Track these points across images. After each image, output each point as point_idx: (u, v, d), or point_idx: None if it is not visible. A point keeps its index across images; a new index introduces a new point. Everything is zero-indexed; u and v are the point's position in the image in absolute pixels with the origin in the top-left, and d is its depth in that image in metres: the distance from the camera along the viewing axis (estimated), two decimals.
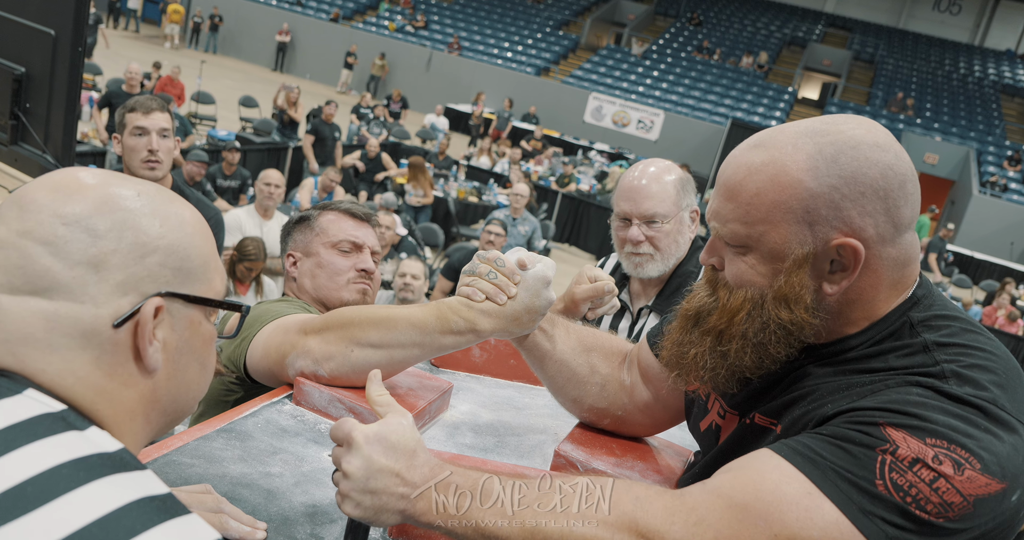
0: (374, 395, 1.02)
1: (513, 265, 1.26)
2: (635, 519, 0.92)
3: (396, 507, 0.94)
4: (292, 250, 1.86)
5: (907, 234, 1.00)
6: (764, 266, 1.02)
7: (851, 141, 0.98)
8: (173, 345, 0.78)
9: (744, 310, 1.04)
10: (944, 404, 0.90)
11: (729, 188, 1.03)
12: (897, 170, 0.97)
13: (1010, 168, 20.34)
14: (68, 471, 0.63)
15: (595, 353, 1.38)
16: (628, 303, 2.28)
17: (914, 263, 1.03)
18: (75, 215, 0.72)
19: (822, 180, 0.96)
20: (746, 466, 0.95)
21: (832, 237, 0.97)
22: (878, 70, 25.66)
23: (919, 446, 0.87)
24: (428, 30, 24.49)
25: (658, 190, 2.10)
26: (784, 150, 0.99)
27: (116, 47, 19.18)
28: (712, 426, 1.19)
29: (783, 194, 0.98)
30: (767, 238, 1.00)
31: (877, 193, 0.96)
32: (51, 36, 3.06)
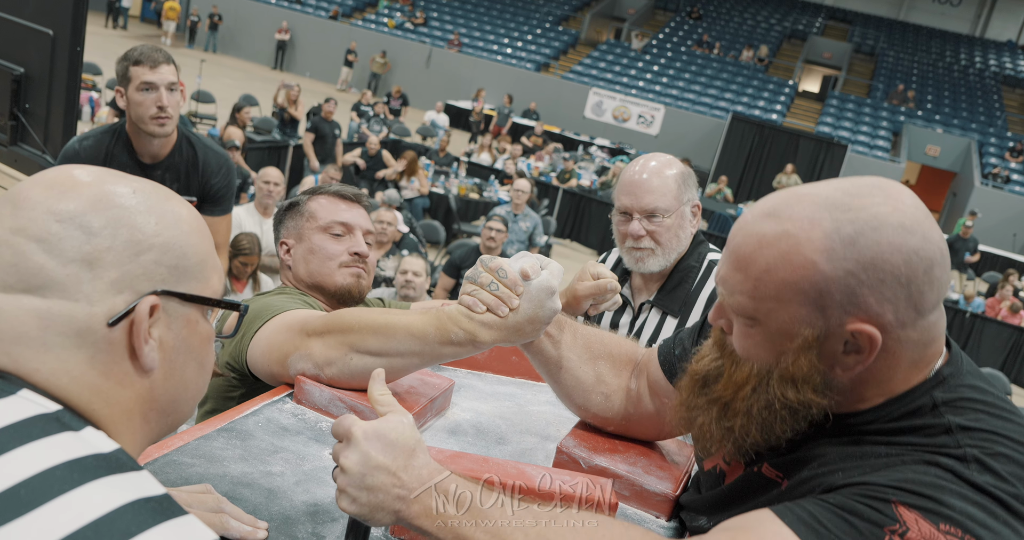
0: (376, 394, 1.01)
1: (516, 276, 1.22)
2: None
3: (391, 507, 0.93)
4: (284, 237, 1.83)
5: (931, 315, 0.93)
6: (770, 343, 0.96)
7: (873, 221, 0.89)
8: (170, 344, 0.77)
9: (750, 385, 0.99)
10: (963, 490, 0.85)
11: (738, 258, 0.96)
12: (923, 254, 0.89)
13: (1012, 159, 20.30)
14: (62, 473, 0.62)
15: (602, 361, 1.36)
16: (629, 298, 2.27)
17: (938, 341, 0.96)
18: (69, 212, 0.72)
19: (837, 263, 0.89)
20: (746, 528, 0.91)
21: (846, 321, 0.90)
22: (879, 62, 25.60)
23: (931, 531, 0.82)
24: (428, 27, 24.45)
25: (659, 184, 2.09)
26: (800, 225, 0.91)
27: (114, 47, 19.17)
28: (716, 469, 1.16)
29: (794, 274, 0.91)
30: (775, 316, 0.94)
31: (899, 280, 0.89)
32: (49, 36, 3.06)
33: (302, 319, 1.40)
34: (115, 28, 23.96)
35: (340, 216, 1.78)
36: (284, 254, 1.81)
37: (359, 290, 1.77)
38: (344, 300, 1.76)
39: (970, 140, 20.82)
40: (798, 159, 17.35)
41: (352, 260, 1.77)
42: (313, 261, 1.75)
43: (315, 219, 1.78)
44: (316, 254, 1.75)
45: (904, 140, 20.77)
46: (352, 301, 1.77)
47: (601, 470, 1.27)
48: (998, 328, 9.89)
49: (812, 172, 16.55)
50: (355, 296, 1.76)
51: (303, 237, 1.79)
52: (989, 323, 9.93)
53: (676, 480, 1.29)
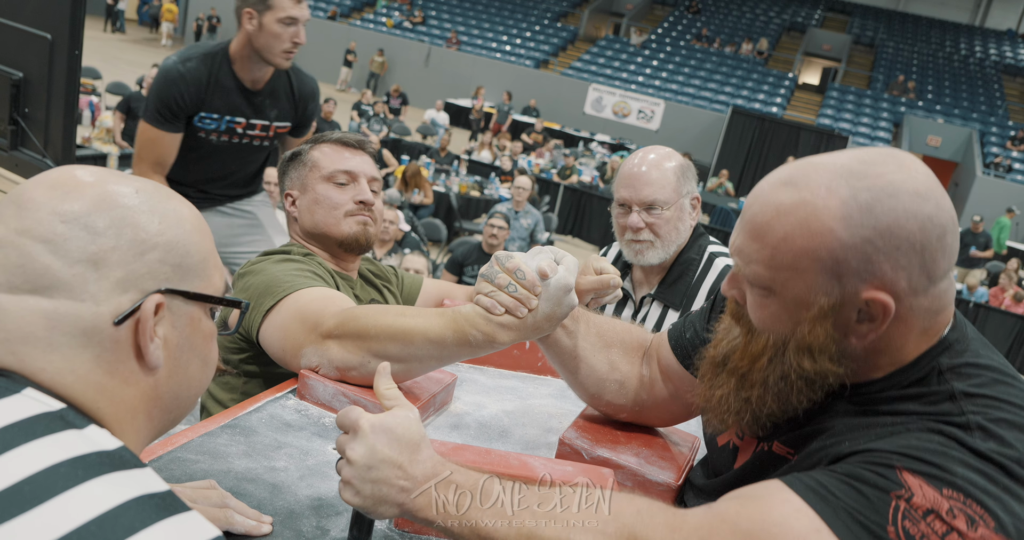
0: (382, 389, 1.02)
1: (534, 276, 1.21)
2: (635, 533, 0.90)
3: (395, 499, 0.93)
4: (289, 189, 1.79)
5: (942, 283, 0.94)
6: (787, 313, 0.96)
7: (889, 188, 0.90)
8: (174, 342, 0.78)
9: (766, 356, 1.00)
10: (966, 457, 0.86)
11: (755, 227, 0.96)
12: (937, 221, 0.90)
13: (1013, 148, 20.25)
14: (66, 469, 0.63)
15: (615, 349, 1.37)
16: (630, 292, 2.28)
17: (948, 309, 0.97)
18: (74, 213, 0.72)
19: (855, 231, 0.90)
20: (755, 495, 0.92)
21: (861, 289, 0.91)
22: (878, 53, 25.55)
23: (935, 496, 0.84)
24: (426, 25, 24.44)
25: (658, 177, 2.09)
26: (817, 192, 0.92)
27: (112, 51, 19.18)
28: (730, 445, 1.17)
29: (812, 241, 0.91)
30: (791, 285, 0.94)
31: (914, 247, 0.90)
32: (47, 40, 3.06)
33: (316, 311, 1.39)
34: (113, 32, 23.98)
35: (344, 164, 1.74)
36: (289, 206, 1.78)
37: (366, 238, 1.73)
38: (351, 249, 1.73)
39: (971, 130, 20.78)
40: (799, 152, 17.32)
41: (358, 208, 1.72)
42: (318, 211, 1.71)
43: (318, 168, 1.74)
44: (321, 204, 1.71)
45: (905, 131, 20.73)
46: (359, 249, 1.74)
47: (603, 461, 1.28)
48: (1002, 317, 9.88)
49: None
50: (362, 244, 1.73)
51: (307, 187, 1.74)
52: (993, 313, 9.92)
53: (678, 470, 1.30)
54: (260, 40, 2.70)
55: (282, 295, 1.45)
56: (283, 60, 2.72)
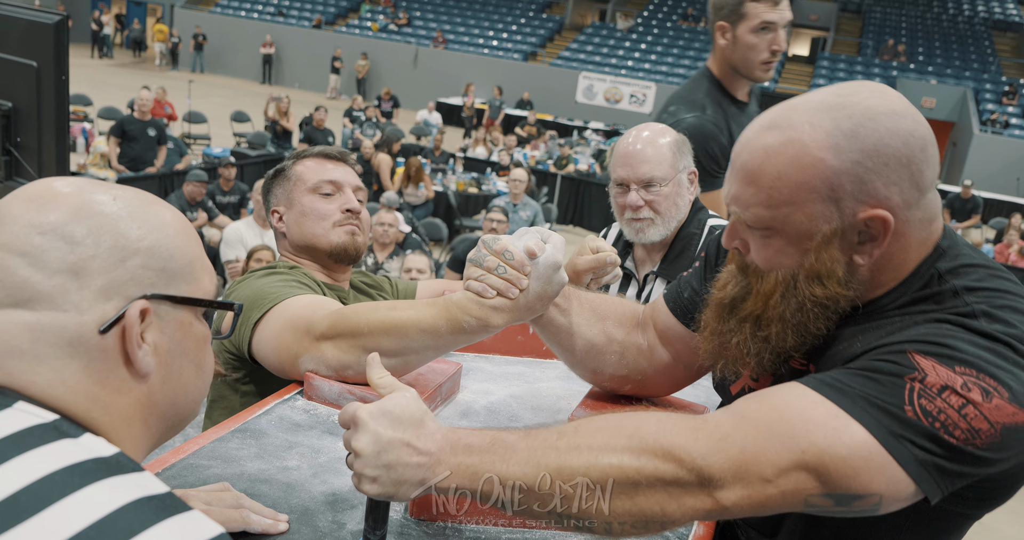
0: (375, 378, 1.02)
1: (522, 256, 1.21)
2: (659, 439, 0.92)
3: (414, 477, 0.93)
4: (275, 206, 1.79)
5: (930, 193, 0.99)
6: (792, 247, 1.00)
7: (868, 112, 0.96)
8: (164, 348, 0.77)
9: (778, 292, 1.03)
10: (974, 338, 0.91)
11: (748, 172, 1.00)
12: (917, 135, 0.96)
13: (1008, 103, 20.14)
14: (62, 477, 0.62)
15: (609, 321, 1.37)
16: (633, 270, 2.27)
17: (938, 218, 1.03)
18: (51, 224, 0.72)
19: (844, 156, 0.94)
20: (771, 393, 0.96)
21: (859, 210, 0.96)
22: (866, 19, 25.42)
23: (948, 374, 0.87)
24: (411, 27, 24.43)
25: (654, 153, 2.08)
26: (801, 129, 0.97)
27: (100, 76, 19.23)
28: (745, 389, 1.18)
29: (806, 174, 0.96)
30: (792, 219, 0.98)
31: (900, 161, 0.95)
32: (33, 68, 3.07)
33: (306, 317, 1.39)
34: (101, 58, 24.04)
35: (328, 175, 1.75)
36: (277, 222, 1.78)
37: (355, 247, 1.74)
38: (341, 259, 1.73)
39: (965, 88, 20.68)
40: None
41: (345, 217, 1.73)
42: (306, 223, 1.72)
43: (303, 181, 1.75)
44: (308, 216, 1.72)
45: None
46: (349, 259, 1.74)
47: None
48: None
49: None
50: (351, 254, 1.74)
51: (293, 201, 1.75)
52: None
53: None
54: (736, 55, 2.49)
55: (269, 306, 1.45)
56: (763, 73, 2.50)
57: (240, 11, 25.50)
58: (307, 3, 25.91)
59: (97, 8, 26.21)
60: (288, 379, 1.45)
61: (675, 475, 0.91)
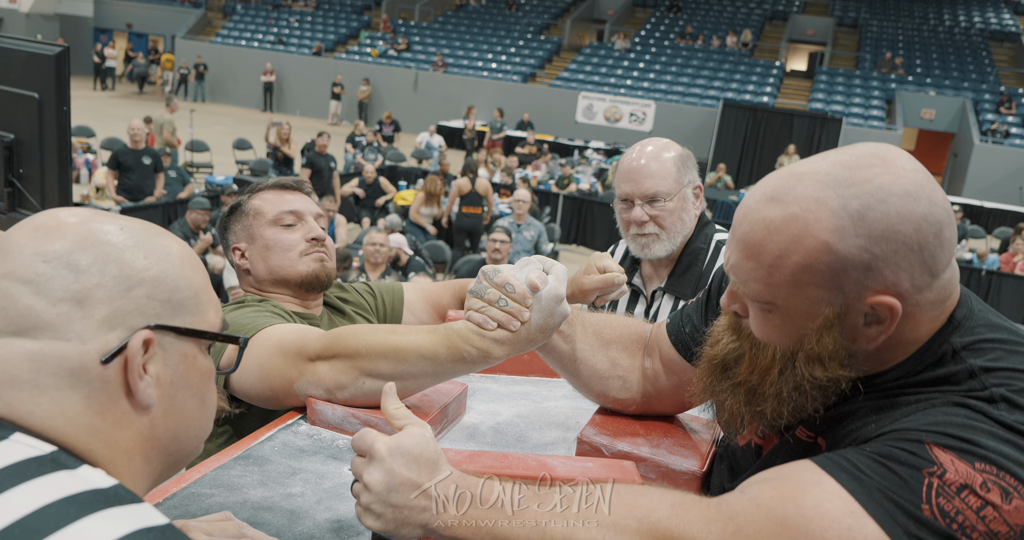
0: (391, 409, 1.00)
1: (524, 289, 1.19)
2: (669, 528, 0.88)
3: (418, 521, 0.91)
4: (235, 243, 1.75)
5: (945, 273, 0.93)
6: (791, 326, 0.95)
7: (878, 192, 0.88)
8: (167, 380, 0.76)
9: (775, 368, 0.99)
10: (994, 429, 0.86)
11: (748, 246, 0.95)
12: (932, 219, 0.89)
13: (1007, 112, 20.16)
14: (58, 509, 0.61)
15: (614, 346, 1.35)
16: (641, 287, 2.25)
17: (953, 295, 0.96)
18: (56, 252, 0.71)
19: (850, 241, 0.88)
20: (787, 477, 0.91)
21: (865, 296, 0.90)
22: (863, 33, 25.54)
23: (967, 471, 0.83)
24: (411, 52, 24.60)
25: (658, 168, 2.06)
26: (806, 206, 0.90)
27: (103, 108, 19.37)
28: (751, 444, 1.15)
29: (808, 257, 0.90)
30: (793, 300, 0.93)
31: (911, 248, 0.88)
32: (35, 99, 3.08)
33: (296, 341, 1.36)
34: (104, 89, 24.24)
35: (286, 206, 1.72)
36: (239, 259, 1.74)
37: (325, 274, 1.71)
38: (312, 287, 1.70)
39: (964, 99, 20.71)
40: (793, 138, 17.26)
41: (311, 246, 1.70)
42: (272, 257, 1.68)
43: (262, 215, 1.71)
44: (273, 249, 1.68)
45: (898, 107, 20.68)
46: (320, 287, 1.72)
47: (625, 455, 1.25)
48: (1016, 282, 9.78)
49: (810, 149, 16.49)
50: (322, 281, 1.71)
51: (255, 236, 1.71)
52: (1006, 278, 9.82)
53: (702, 457, 1.27)
54: None
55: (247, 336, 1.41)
56: None
57: (240, 40, 25.71)
58: (307, 31, 26.13)
59: (99, 41, 26.47)
60: (276, 408, 1.42)
61: None
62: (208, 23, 27.47)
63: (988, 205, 15.85)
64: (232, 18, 27.22)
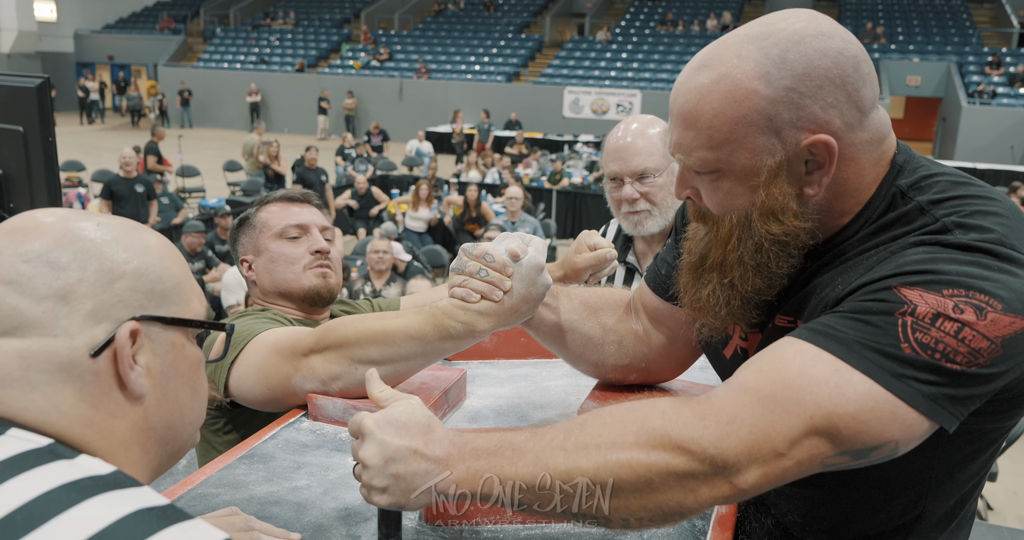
0: (376, 393, 1.01)
1: (504, 258, 1.20)
2: (667, 432, 0.89)
3: (423, 485, 0.91)
4: (243, 255, 1.78)
5: (873, 113, 0.98)
6: (741, 186, 0.98)
7: (794, 36, 0.94)
8: (158, 370, 0.77)
9: (735, 235, 1.01)
10: (953, 254, 0.89)
11: (685, 116, 0.99)
12: (848, 54, 0.94)
13: (993, 73, 20.14)
14: (58, 495, 0.62)
15: (602, 312, 1.36)
16: (636, 265, 2.26)
17: (889, 136, 1.01)
18: (35, 251, 0.72)
19: (776, 84, 0.93)
20: (768, 356, 0.93)
21: (801, 138, 0.94)
22: (842, 6, 25.52)
23: (936, 299, 0.85)
24: (393, 61, 24.63)
25: (644, 145, 2.07)
26: (730, 63, 0.95)
27: (91, 141, 19.40)
28: (738, 350, 1.16)
29: (741, 108, 0.94)
30: (736, 157, 0.97)
31: (834, 82, 0.93)
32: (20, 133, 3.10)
33: (289, 339, 1.38)
34: (90, 123, 24.29)
35: (292, 219, 1.74)
36: (247, 271, 1.77)
37: (328, 289, 1.73)
38: (315, 302, 1.72)
39: (948, 63, 20.71)
40: None
41: (315, 259, 1.72)
42: (276, 270, 1.71)
43: (268, 227, 1.74)
44: (277, 261, 1.71)
45: (883, 76, 20.66)
46: (323, 302, 1.73)
47: None
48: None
49: None
50: (325, 296, 1.73)
51: (261, 249, 1.74)
52: None
53: None
54: None
55: (244, 343, 1.43)
56: None
57: (223, 63, 25.76)
58: (288, 48, 26.17)
59: (81, 75, 26.52)
60: (278, 410, 1.43)
61: (688, 468, 0.88)
62: (189, 49, 27.53)
63: (981, 166, 15.82)
64: (212, 42, 27.27)
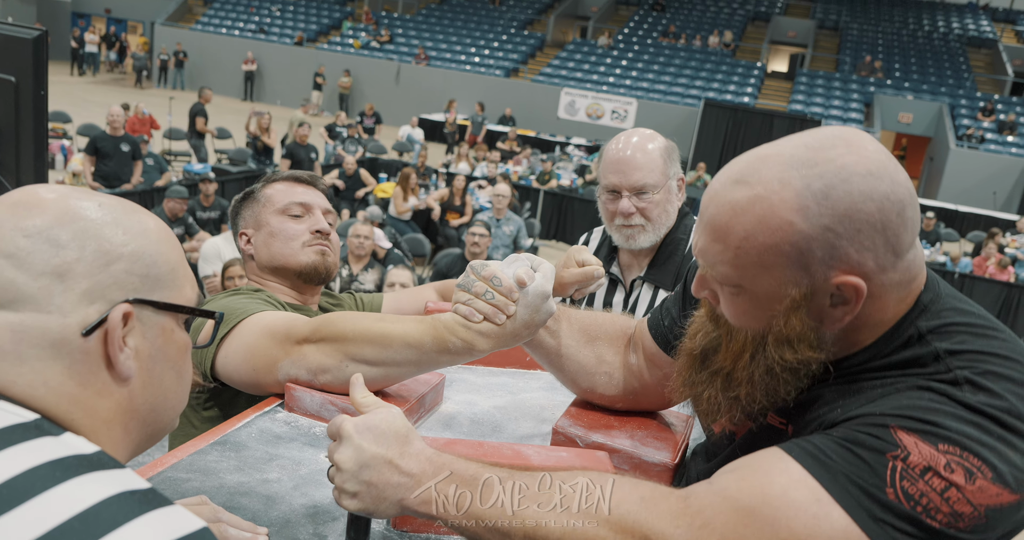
0: (358, 398, 1.02)
1: (511, 283, 1.20)
2: (639, 521, 0.89)
3: (393, 497, 0.92)
4: (243, 228, 1.79)
5: (910, 254, 0.94)
6: (760, 308, 0.96)
7: (841, 172, 0.89)
8: (146, 353, 0.78)
9: (747, 352, 1.00)
10: (957, 411, 0.87)
11: (715, 229, 0.95)
12: (894, 198, 0.90)
13: (984, 119, 20.43)
14: (45, 471, 0.63)
15: (600, 342, 1.37)
16: (619, 276, 2.27)
17: (919, 276, 0.97)
18: (36, 227, 0.73)
19: (814, 221, 0.89)
20: (754, 466, 0.92)
21: (831, 276, 0.91)
22: (843, 36, 25.75)
23: (931, 452, 0.84)
24: (394, 44, 24.49)
25: (645, 160, 2.08)
26: (770, 187, 0.91)
27: (80, 93, 19.13)
28: (726, 431, 1.17)
29: (773, 237, 0.91)
30: (760, 281, 0.94)
31: (874, 227, 0.89)
32: (12, 83, 3.05)
33: (285, 324, 1.37)
34: (81, 75, 23.93)
35: (298, 198, 1.76)
36: (244, 245, 1.77)
37: (325, 267, 1.73)
38: (311, 279, 1.73)
39: (941, 104, 20.96)
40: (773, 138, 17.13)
41: (315, 238, 1.73)
42: (275, 244, 1.71)
43: (272, 203, 1.75)
44: (277, 236, 1.72)
45: (876, 110, 20.89)
46: (319, 279, 1.74)
47: (598, 446, 1.27)
48: (987, 285, 9.93)
49: None
50: (321, 274, 1.73)
51: (262, 223, 1.75)
52: (978, 281, 9.97)
53: (674, 448, 1.29)
54: None
55: (235, 321, 1.42)
56: None
57: (221, 28, 25.48)
58: (288, 20, 25.93)
59: (76, 25, 26.12)
60: (259, 393, 1.42)
61: None
62: (189, 10, 27.19)
63: (962, 209, 16.06)
64: (213, 5, 26.95)
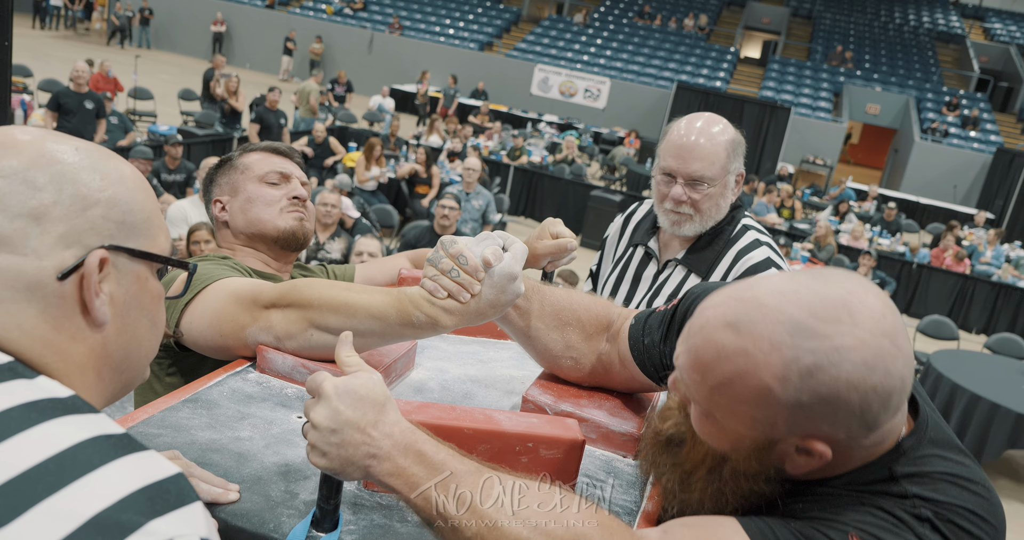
0: (343, 356, 1.02)
1: (477, 262, 1.19)
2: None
3: (361, 463, 0.93)
4: (218, 195, 1.79)
5: (886, 425, 0.92)
6: (725, 439, 0.96)
7: (834, 355, 0.86)
8: (121, 299, 0.78)
9: (705, 466, 1.01)
10: (919, 531, 0.89)
11: (696, 361, 0.95)
12: (882, 390, 0.87)
13: (949, 113, 20.77)
14: (19, 413, 0.63)
15: (571, 328, 1.36)
16: (656, 252, 2.22)
17: (895, 431, 0.96)
18: (12, 168, 0.72)
19: (791, 394, 0.87)
20: (708, 528, 0.95)
21: (796, 440, 0.92)
22: (816, 25, 25.94)
23: None
24: (367, 11, 24.14)
25: (709, 151, 2.00)
26: (760, 345, 0.88)
27: (42, 47, 18.61)
28: None
29: (749, 393, 0.90)
30: (728, 420, 0.94)
31: (852, 412, 0.88)
32: None
33: (252, 289, 1.37)
34: (43, 29, 23.25)
35: (276, 167, 1.77)
36: (219, 212, 1.77)
37: (303, 232, 1.75)
38: (288, 244, 1.73)
39: (908, 97, 21.26)
40: (744, 124, 17.34)
41: (292, 204, 1.75)
42: (252, 209, 1.72)
43: (250, 170, 1.76)
44: (255, 202, 1.72)
45: (845, 100, 21.13)
46: (296, 245, 1.75)
47: (567, 415, 1.29)
48: (944, 277, 10.17)
49: (758, 136, 16.75)
50: (299, 239, 1.75)
51: (239, 190, 1.75)
52: (935, 272, 10.20)
53: (640, 420, 1.32)
54: None
55: (201, 286, 1.42)
56: None
57: None
58: None
59: None
60: (226, 358, 1.42)
61: None
62: None
63: (924, 201, 16.38)
64: None
